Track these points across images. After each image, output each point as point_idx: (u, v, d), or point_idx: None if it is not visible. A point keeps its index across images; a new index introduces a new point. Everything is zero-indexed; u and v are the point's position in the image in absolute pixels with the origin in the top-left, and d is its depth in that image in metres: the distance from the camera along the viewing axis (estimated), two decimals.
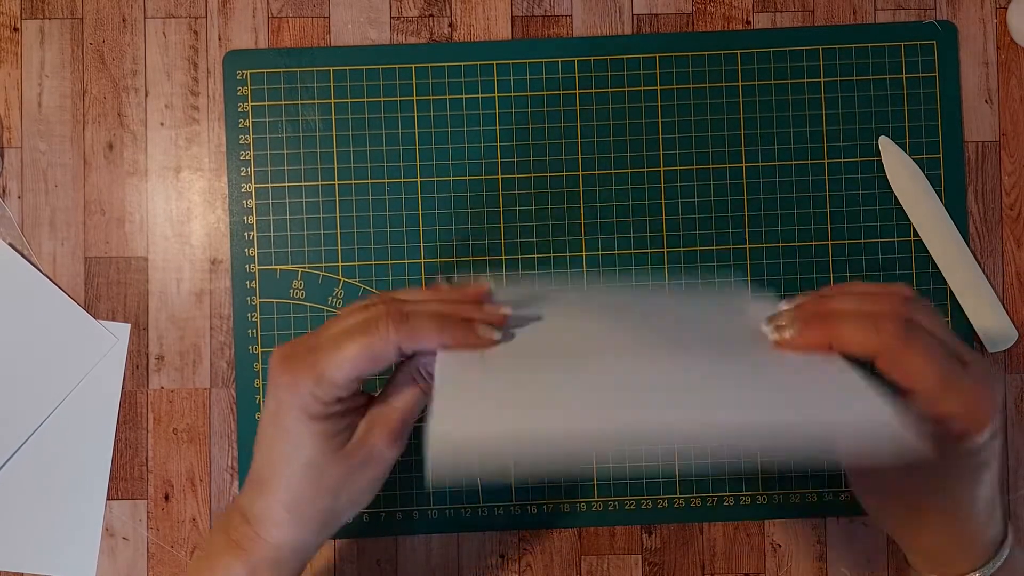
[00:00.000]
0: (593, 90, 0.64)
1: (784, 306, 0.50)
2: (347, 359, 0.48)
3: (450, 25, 0.64)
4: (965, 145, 0.64)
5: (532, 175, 0.64)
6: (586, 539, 0.64)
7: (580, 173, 0.64)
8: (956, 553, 0.50)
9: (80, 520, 0.62)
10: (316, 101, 0.64)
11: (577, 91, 0.64)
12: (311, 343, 0.50)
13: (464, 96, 0.64)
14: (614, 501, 0.64)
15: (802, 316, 0.48)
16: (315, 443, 0.49)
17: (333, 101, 0.64)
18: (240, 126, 0.64)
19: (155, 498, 0.63)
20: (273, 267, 0.63)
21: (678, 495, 0.63)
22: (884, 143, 0.64)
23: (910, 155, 0.64)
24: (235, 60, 0.64)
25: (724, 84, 0.64)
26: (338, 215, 0.63)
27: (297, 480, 0.50)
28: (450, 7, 0.64)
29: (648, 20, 0.65)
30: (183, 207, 0.64)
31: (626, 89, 0.64)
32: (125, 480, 0.63)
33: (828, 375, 0.46)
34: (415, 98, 0.64)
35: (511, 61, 0.64)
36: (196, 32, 0.64)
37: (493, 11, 0.64)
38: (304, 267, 0.63)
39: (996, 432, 0.47)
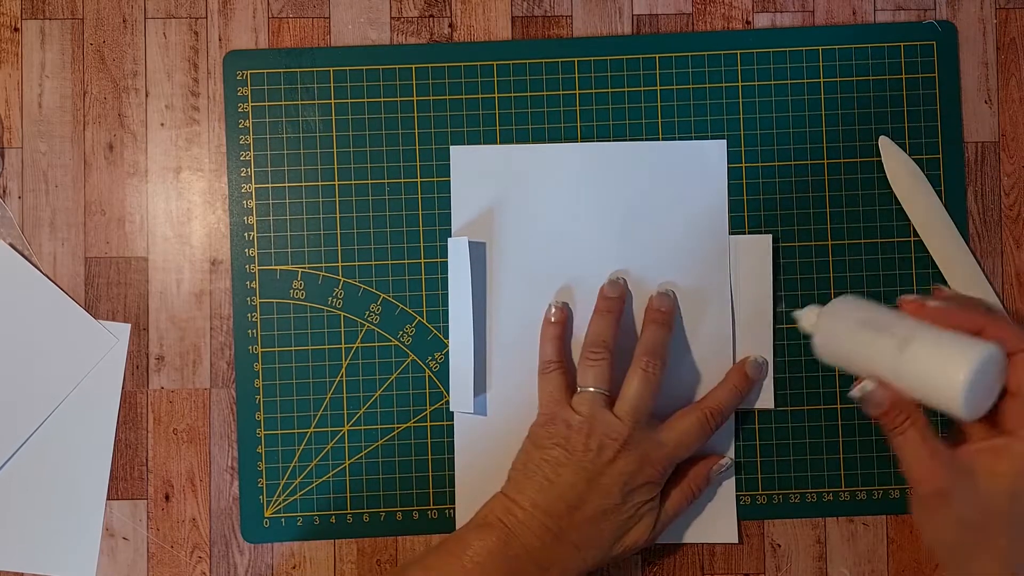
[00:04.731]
0: (593, 90, 0.64)
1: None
2: None
3: (450, 25, 0.64)
4: (965, 145, 0.64)
5: None
6: None
7: None
8: None
9: (80, 520, 0.62)
10: (316, 101, 0.64)
11: (577, 91, 0.64)
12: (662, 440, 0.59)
13: (464, 96, 0.64)
14: None
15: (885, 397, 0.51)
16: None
17: (333, 101, 0.64)
18: (240, 126, 0.64)
19: (155, 498, 0.63)
20: (273, 267, 0.63)
21: None
22: (884, 143, 0.64)
23: (910, 155, 0.64)
24: (235, 60, 0.64)
25: (724, 84, 0.64)
26: (338, 215, 0.63)
27: (622, 552, 0.59)
28: (450, 7, 0.64)
29: (648, 20, 0.65)
30: (183, 207, 0.64)
31: (626, 89, 0.64)
32: (125, 480, 0.63)
33: None
34: (415, 98, 0.64)
35: (511, 61, 0.64)
36: (196, 32, 0.64)
37: (493, 11, 0.64)
38: (304, 267, 0.63)
39: None
